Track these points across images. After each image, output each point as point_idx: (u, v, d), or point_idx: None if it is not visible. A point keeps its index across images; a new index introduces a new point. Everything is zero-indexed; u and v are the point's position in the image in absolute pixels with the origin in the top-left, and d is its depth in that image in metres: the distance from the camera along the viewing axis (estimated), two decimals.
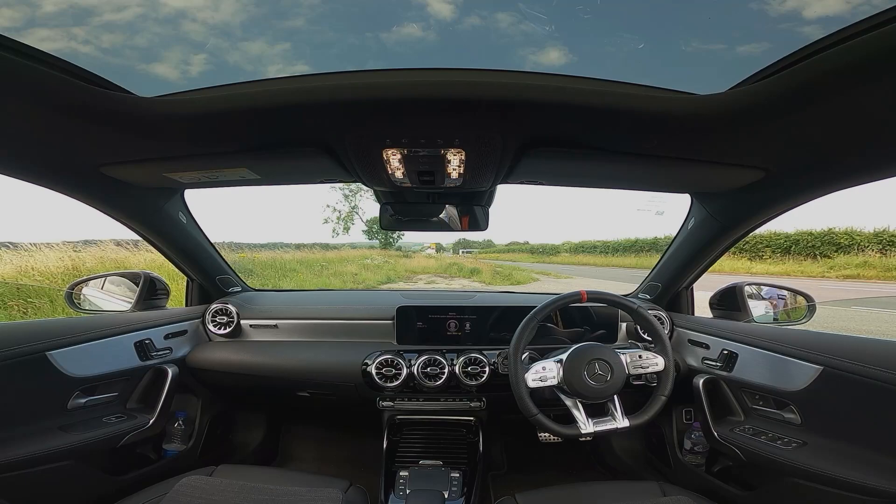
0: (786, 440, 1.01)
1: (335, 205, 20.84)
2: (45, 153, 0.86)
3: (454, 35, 0.75)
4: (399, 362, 1.35)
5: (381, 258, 17.09)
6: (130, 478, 1.24)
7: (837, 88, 0.57)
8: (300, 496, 1.00)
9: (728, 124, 0.70)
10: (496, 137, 0.80)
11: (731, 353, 1.20)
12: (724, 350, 1.21)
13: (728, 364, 1.20)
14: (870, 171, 0.82)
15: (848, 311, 7.64)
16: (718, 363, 1.23)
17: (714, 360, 1.25)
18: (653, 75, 0.63)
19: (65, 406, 1.08)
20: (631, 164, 0.92)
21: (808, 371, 0.98)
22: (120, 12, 0.71)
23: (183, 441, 1.45)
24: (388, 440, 1.43)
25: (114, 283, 1.52)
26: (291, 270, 11.08)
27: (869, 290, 10.45)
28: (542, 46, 0.70)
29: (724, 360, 1.21)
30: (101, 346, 1.16)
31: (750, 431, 1.11)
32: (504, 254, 33.11)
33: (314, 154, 0.88)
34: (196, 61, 0.74)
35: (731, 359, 1.19)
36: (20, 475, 0.94)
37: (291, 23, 0.75)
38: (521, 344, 1.12)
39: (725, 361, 1.20)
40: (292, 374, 1.43)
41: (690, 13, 0.69)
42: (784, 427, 1.05)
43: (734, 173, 0.92)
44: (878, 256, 13.71)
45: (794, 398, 1.02)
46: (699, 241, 1.31)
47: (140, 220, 1.26)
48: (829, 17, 0.49)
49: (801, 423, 1.02)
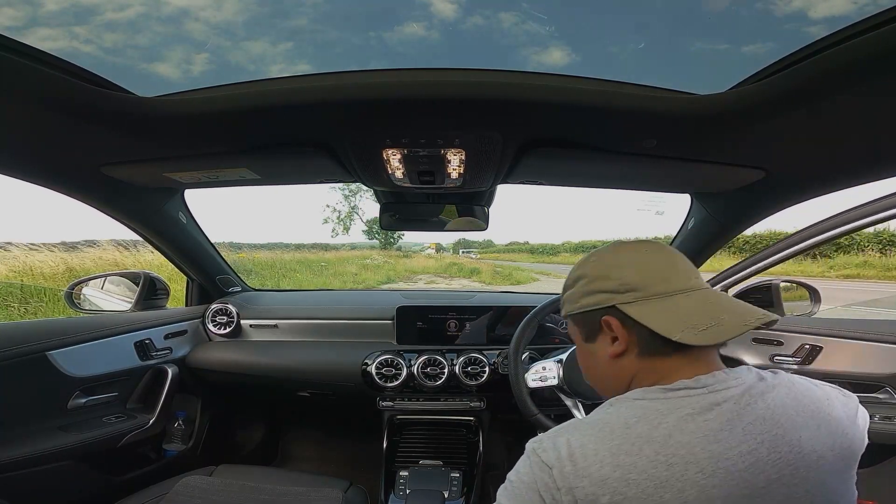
0: (882, 415, 1.06)
1: (335, 205, 20.89)
2: (45, 153, 0.86)
3: (457, 35, 0.75)
4: (399, 362, 1.35)
5: (381, 258, 17.09)
6: (130, 478, 1.23)
7: (837, 88, 0.57)
8: (300, 496, 1.00)
9: (728, 124, 0.70)
10: (496, 137, 0.80)
11: (814, 346, 1.20)
12: (806, 345, 1.21)
13: (808, 358, 1.20)
14: (870, 170, 0.83)
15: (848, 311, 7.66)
16: (797, 358, 1.22)
17: (789, 356, 1.24)
18: (653, 75, 0.63)
19: (65, 406, 1.08)
20: (631, 164, 0.92)
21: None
22: (122, 11, 0.71)
23: (183, 441, 1.45)
24: (388, 440, 1.43)
25: (114, 282, 1.52)
26: (291, 270, 11.08)
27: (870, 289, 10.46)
28: (545, 46, 0.70)
29: (805, 354, 1.21)
30: (101, 346, 1.16)
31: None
32: (504, 254, 33.13)
33: (314, 154, 0.88)
34: (198, 61, 0.74)
35: (814, 352, 1.20)
36: (20, 475, 0.94)
37: (294, 22, 0.75)
38: (521, 344, 1.12)
39: (807, 356, 1.20)
40: (292, 374, 1.43)
41: (694, 13, 0.69)
42: (880, 406, 1.09)
43: (734, 173, 0.92)
44: (878, 256, 13.73)
45: (889, 380, 1.08)
46: (699, 241, 1.31)
47: (140, 220, 1.26)
48: (835, 17, 0.49)
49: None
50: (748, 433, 0.46)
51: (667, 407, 0.48)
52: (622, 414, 0.50)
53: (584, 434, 0.48)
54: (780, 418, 0.47)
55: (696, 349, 0.52)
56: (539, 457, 0.48)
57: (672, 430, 0.46)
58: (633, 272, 0.57)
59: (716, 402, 0.48)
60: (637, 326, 0.55)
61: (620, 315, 0.56)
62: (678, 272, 0.57)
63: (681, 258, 0.60)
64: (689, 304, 0.54)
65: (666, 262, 0.59)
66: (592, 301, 0.59)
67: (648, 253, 0.60)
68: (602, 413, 0.52)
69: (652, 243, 0.62)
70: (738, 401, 0.48)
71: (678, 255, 0.60)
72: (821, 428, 0.49)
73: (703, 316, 0.52)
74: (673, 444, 0.45)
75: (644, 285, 0.56)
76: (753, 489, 0.44)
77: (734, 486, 0.43)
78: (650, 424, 0.47)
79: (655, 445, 0.45)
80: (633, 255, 0.60)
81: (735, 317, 0.52)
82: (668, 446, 0.45)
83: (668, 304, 0.54)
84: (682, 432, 0.45)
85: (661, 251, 0.60)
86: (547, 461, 0.47)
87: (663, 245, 0.62)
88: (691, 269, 0.59)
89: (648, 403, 0.50)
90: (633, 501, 0.42)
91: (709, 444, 0.44)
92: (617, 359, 0.57)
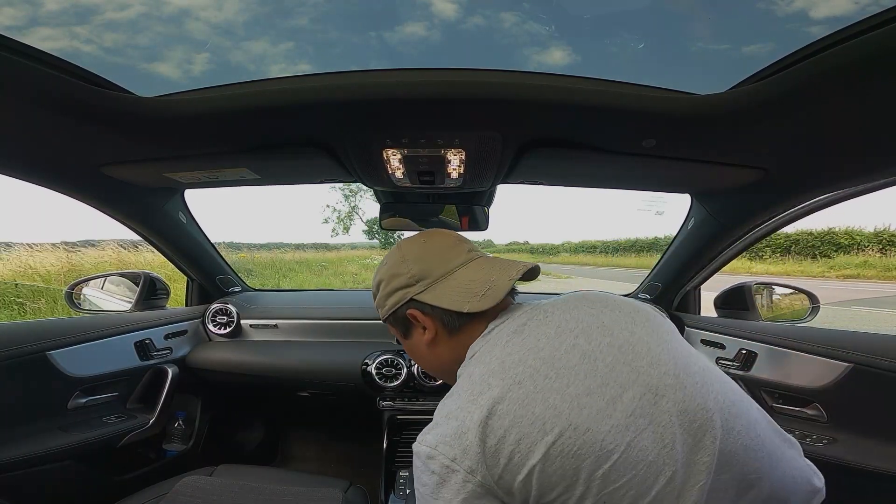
0: (815, 437, 1.01)
1: (335, 205, 20.84)
2: (45, 153, 0.86)
3: (458, 34, 0.75)
4: (399, 362, 1.35)
5: (381, 258, 17.02)
6: (130, 478, 1.24)
7: (837, 88, 0.57)
8: (300, 496, 1.00)
9: (728, 124, 0.70)
10: (496, 137, 0.80)
11: (750, 352, 1.19)
12: (743, 350, 1.21)
13: (747, 363, 1.19)
14: (870, 171, 0.83)
15: (849, 310, 7.66)
16: (736, 363, 1.22)
17: (731, 360, 1.24)
18: (653, 75, 0.64)
19: (65, 406, 1.08)
20: (631, 164, 0.92)
21: (835, 368, 0.98)
22: (122, 11, 0.70)
23: (183, 441, 1.45)
24: (388, 440, 1.43)
25: (114, 283, 1.52)
26: (291, 270, 11.08)
27: (871, 289, 10.46)
28: (546, 46, 0.70)
29: (742, 359, 1.20)
30: (101, 346, 1.16)
31: None
32: (504, 254, 33.07)
33: (314, 154, 0.88)
34: (198, 60, 0.74)
35: (750, 358, 1.19)
36: (20, 475, 0.94)
37: (295, 22, 0.75)
38: None
39: (744, 361, 1.20)
40: (292, 374, 1.43)
41: (695, 13, 0.69)
42: (811, 425, 1.05)
43: (734, 173, 0.92)
44: (879, 256, 13.73)
45: (819, 396, 1.02)
46: (699, 241, 1.31)
47: (140, 220, 1.26)
48: (836, 17, 0.49)
49: (827, 419, 1.02)
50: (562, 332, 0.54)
51: (490, 341, 0.56)
52: (484, 363, 0.54)
53: (477, 397, 0.50)
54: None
55: (488, 310, 0.59)
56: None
57: (509, 348, 0.53)
58: (416, 263, 0.62)
59: (522, 323, 0.56)
60: (435, 311, 0.60)
61: (419, 305, 0.61)
62: (454, 250, 0.64)
63: (456, 237, 0.67)
64: (468, 275, 0.61)
65: (442, 244, 0.65)
66: (394, 300, 0.64)
67: (427, 242, 0.65)
68: (466, 378, 0.55)
69: (428, 232, 0.68)
70: (530, 317, 0.56)
71: (452, 234, 0.67)
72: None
73: (479, 284, 0.59)
74: (514, 350, 0.52)
75: (428, 271, 0.61)
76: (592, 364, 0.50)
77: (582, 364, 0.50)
78: (490, 354, 0.54)
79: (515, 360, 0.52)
80: (414, 247, 0.65)
81: (503, 273, 0.61)
82: (513, 357, 0.52)
83: (451, 282, 0.61)
84: (515, 346, 0.53)
85: (436, 236, 0.66)
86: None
87: (438, 230, 0.69)
88: (466, 243, 0.66)
89: (485, 346, 0.56)
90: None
91: (527, 351, 0.52)
92: (433, 345, 0.63)
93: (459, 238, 0.67)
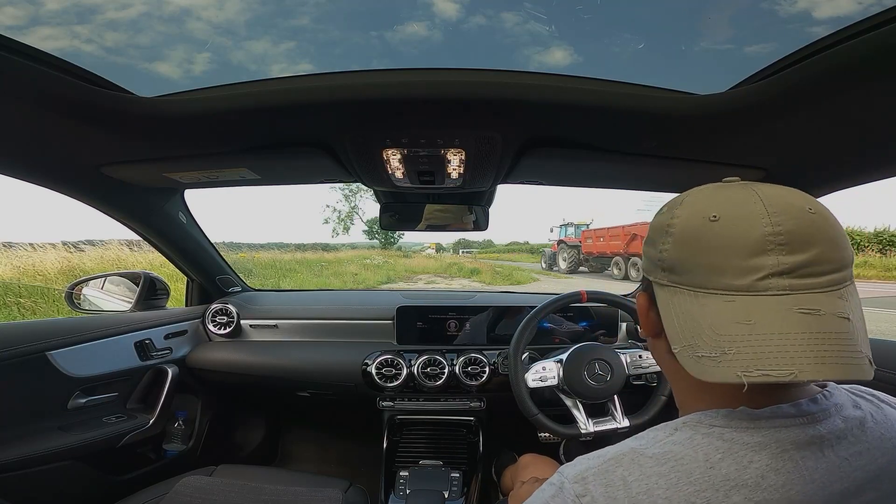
0: None
1: (335, 205, 20.92)
2: (45, 153, 0.86)
3: (459, 34, 0.75)
4: (399, 362, 1.35)
5: (380, 258, 17.09)
6: (130, 478, 1.23)
7: (838, 88, 0.57)
8: (300, 496, 1.00)
9: (728, 124, 0.70)
10: (496, 137, 0.80)
11: None
12: None
13: None
14: (871, 171, 0.82)
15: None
16: None
17: None
18: (653, 75, 0.64)
19: (65, 406, 1.07)
20: (631, 164, 0.92)
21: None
22: (123, 10, 0.71)
23: (183, 441, 1.45)
24: (389, 440, 1.43)
25: (113, 283, 1.52)
26: (291, 270, 11.09)
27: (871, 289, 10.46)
28: (548, 46, 0.70)
29: None
30: (101, 346, 1.16)
31: None
32: (504, 254, 33.13)
33: (314, 154, 0.88)
34: (199, 60, 0.74)
35: None
36: (20, 475, 0.93)
37: (297, 21, 0.75)
38: (521, 344, 1.12)
39: None
40: (292, 374, 1.43)
41: (696, 13, 0.69)
42: None
43: (734, 173, 0.92)
44: (878, 256, 13.73)
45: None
46: None
47: (140, 220, 1.26)
48: (839, 17, 0.49)
49: None
50: (844, 469, 0.37)
51: (757, 441, 0.36)
52: (700, 447, 0.37)
53: (648, 472, 0.36)
54: (876, 451, 0.39)
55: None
56: (580, 499, 0.36)
57: (765, 471, 0.35)
58: (676, 242, 0.40)
59: (818, 435, 0.37)
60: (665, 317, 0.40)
61: (652, 295, 0.43)
62: (746, 260, 0.36)
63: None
64: (726, 313, 0.36)
65: (739, 235, 0.37)
66: (643, 266, 0.45)
67: (720, 220, 0.38)
68: (669, 443, 0.38)
69: (743, 192, 0.40)
70: (841, 434, 0.38)
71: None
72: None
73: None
74: (766, 486, 0.35)
75: (681, 265, 0.39)
76: None
77: None
78: (738, 464, 0.36)
79: (746, 491, 0.35)
80: (696, 216, 0.40)
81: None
82: (759, 490, 0.35)
83: (697, 303, 0.38)
84: (778, 473, 0.35)
85: (742, 221, 0.37)
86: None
87: (758, 204, 0.37)
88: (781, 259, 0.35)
89: (734, 434, 0.37)
90: None
91: (805, 485, 0.35)
92: (670, 355, 0.40)
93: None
